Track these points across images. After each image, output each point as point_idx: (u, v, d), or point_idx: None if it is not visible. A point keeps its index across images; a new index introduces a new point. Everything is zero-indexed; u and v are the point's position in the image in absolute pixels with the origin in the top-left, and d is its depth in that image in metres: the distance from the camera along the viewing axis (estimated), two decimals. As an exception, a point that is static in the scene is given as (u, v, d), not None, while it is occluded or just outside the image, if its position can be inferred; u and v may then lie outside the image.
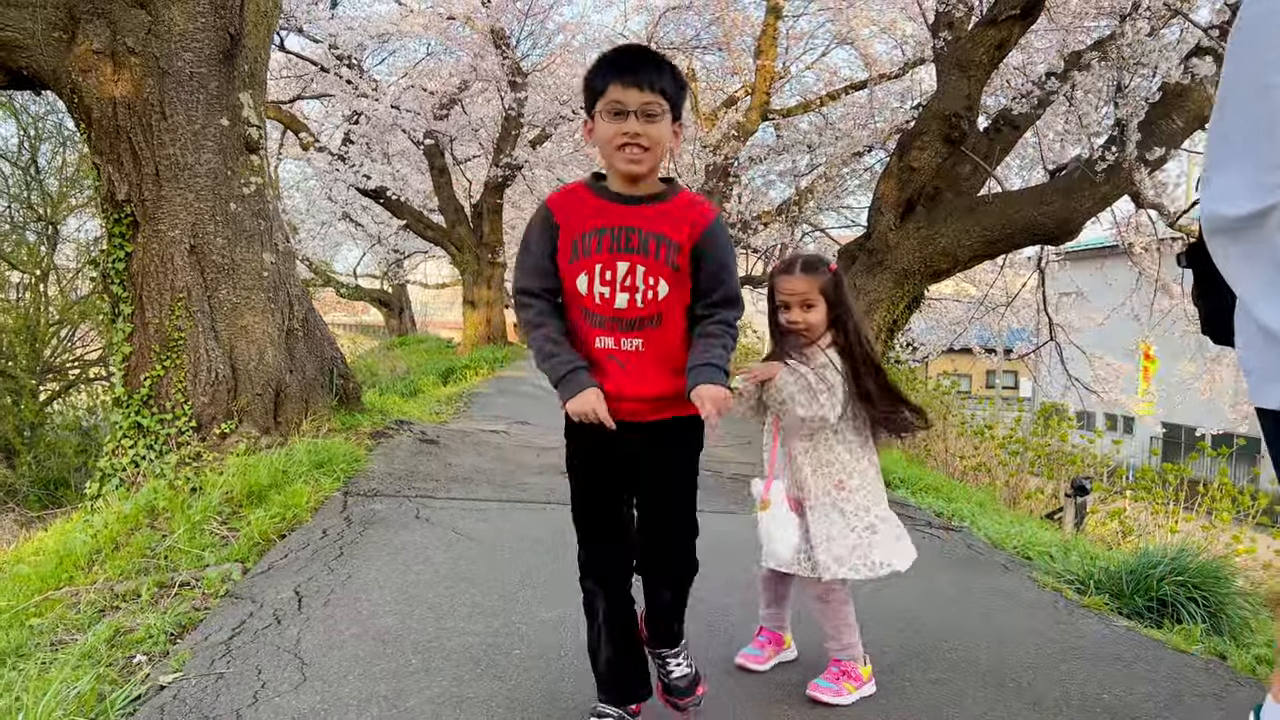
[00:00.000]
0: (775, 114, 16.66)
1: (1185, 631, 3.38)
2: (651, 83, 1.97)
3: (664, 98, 1.98)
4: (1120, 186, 8.85)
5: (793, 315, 2.56)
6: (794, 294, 2.55)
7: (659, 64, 2.00)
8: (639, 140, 1.96)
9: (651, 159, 2.00)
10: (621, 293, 2.04)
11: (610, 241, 2.03)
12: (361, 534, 4.07)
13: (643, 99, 1.96)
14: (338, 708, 2.41)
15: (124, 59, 5.31)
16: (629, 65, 1.97)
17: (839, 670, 2.58)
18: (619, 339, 2.06)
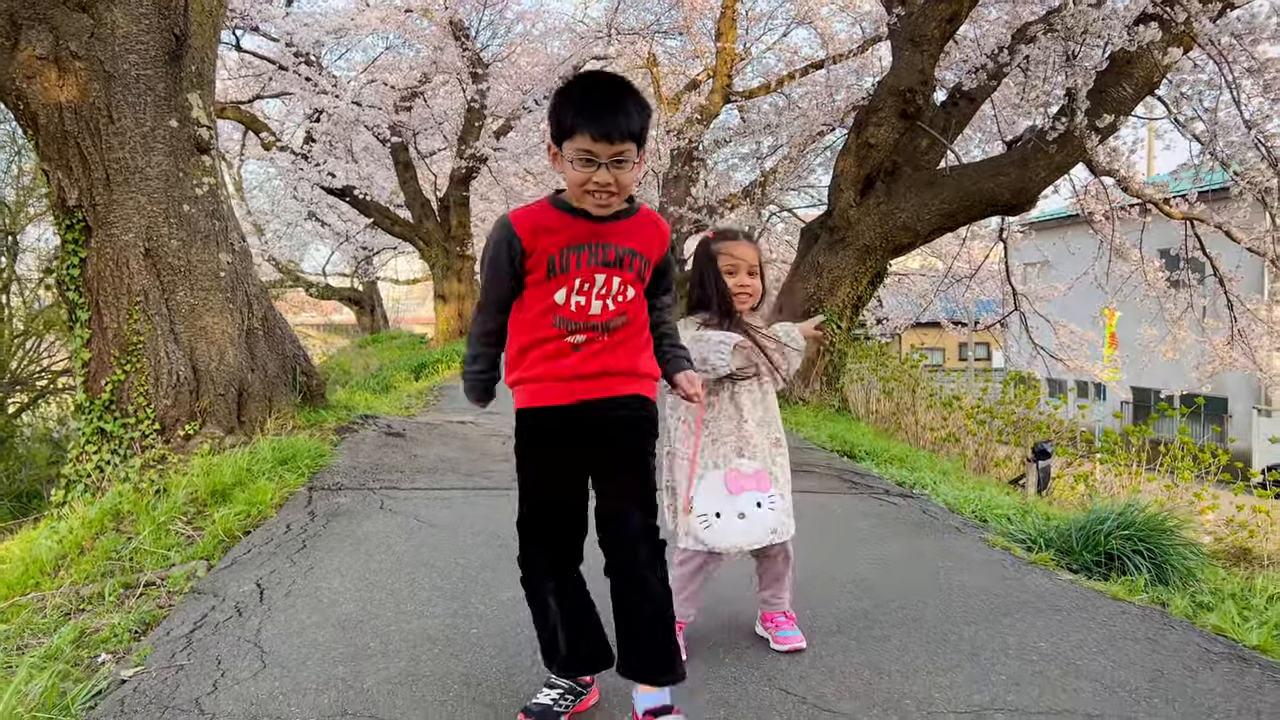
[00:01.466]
0: (738, 96, 16.69)
1: (1129, 582, 3.48)
2: (623, 132, 1.97)
3: (633, 141, 2.00)
4: (1074, 155, 8.98)
5: (741, 279, 2.67)
6: (743, 260, 2.67)
7: (627, 107, 1.99)
8: (608, 188, 2.02)
9: (619, 200, 2.10)
10: (596, 300, 2.13)
11: (589, 257, 2.11)
12: (325, 526, 4.11)
13: (613, 150, 1.98)
14: (296, 692, 2.46)
15: (68, 64, 5.29)
16: (599, 114, 1.97)
17: (788, 617, 2.77)
18: (591, 336, 2.16)
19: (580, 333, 2.14)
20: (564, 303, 2.12)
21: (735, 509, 2.52)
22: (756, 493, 2.55)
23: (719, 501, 2.53)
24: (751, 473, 2.57)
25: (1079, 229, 14.18)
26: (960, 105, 10.13)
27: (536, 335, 2.16)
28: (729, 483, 2.55)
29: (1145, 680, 2.53)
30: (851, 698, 2.40)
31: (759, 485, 2.56)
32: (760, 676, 2.54)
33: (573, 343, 2.15)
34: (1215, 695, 2.44)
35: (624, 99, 1.99)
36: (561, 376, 2.16)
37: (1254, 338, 12.21)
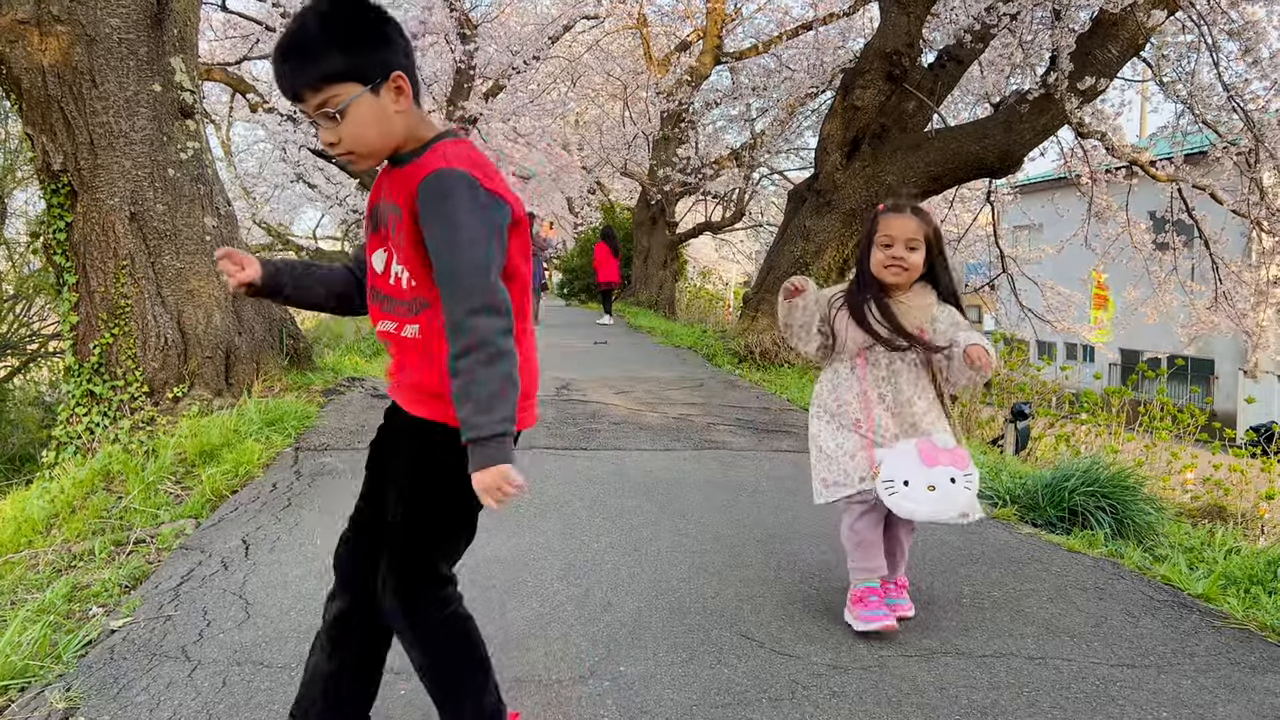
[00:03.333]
0: (728, 57, 16.60)
1: (1089, 536, 3.61)
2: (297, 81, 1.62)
3: (327, 83, 1.60)
4: (1058, 117, 9.01)
5: (897, 252, 2.57)
6: (903, 233, 2.58)
7: (304, 47, 1.60)
8: (338, 149, 1.67)
9: (366, 157, 1.68)
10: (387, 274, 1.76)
11: (372, 222, 1.80)
12: (310, 485, 4.22)
13: (310, 105, 1.63)
14: (279, 640, 2.57)
15: (50, 27, 5.29)
16: (279, 68, 1.64)
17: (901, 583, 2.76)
18: (401, 324, 1.74)
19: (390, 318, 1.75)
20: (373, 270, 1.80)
21: (926, 480, 2.46)
22: (952, 469, 2.47)
23: (910, 470, 2.48)
24: (947, 448, 2.51)
25: (1067, 191, 14.22)
26: (948, 67, 10.12)
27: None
28: (923, 453, 2.49)
29: (1089, 625, 2.65)
30: (808, 642, 2.53)
31: (955, 462, 2.49)
32: (723, 623, 2.66)
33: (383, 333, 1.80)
34: (1153, 639, 2.57)
35: (299, 45, 1.61)
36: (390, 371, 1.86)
37: (1239, 300, 12.32)
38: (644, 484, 4.32)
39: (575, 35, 17.95)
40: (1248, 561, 3.21)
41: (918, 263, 2.59)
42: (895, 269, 2.58)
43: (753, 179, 19.00)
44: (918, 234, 2.57)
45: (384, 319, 1.78)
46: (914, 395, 2.60)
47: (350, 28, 1.62)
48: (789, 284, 2.70)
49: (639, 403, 6.75)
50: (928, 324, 2.60)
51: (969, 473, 2.49)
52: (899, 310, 2.61)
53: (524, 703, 2.21)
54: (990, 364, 2.42)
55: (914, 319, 2.61)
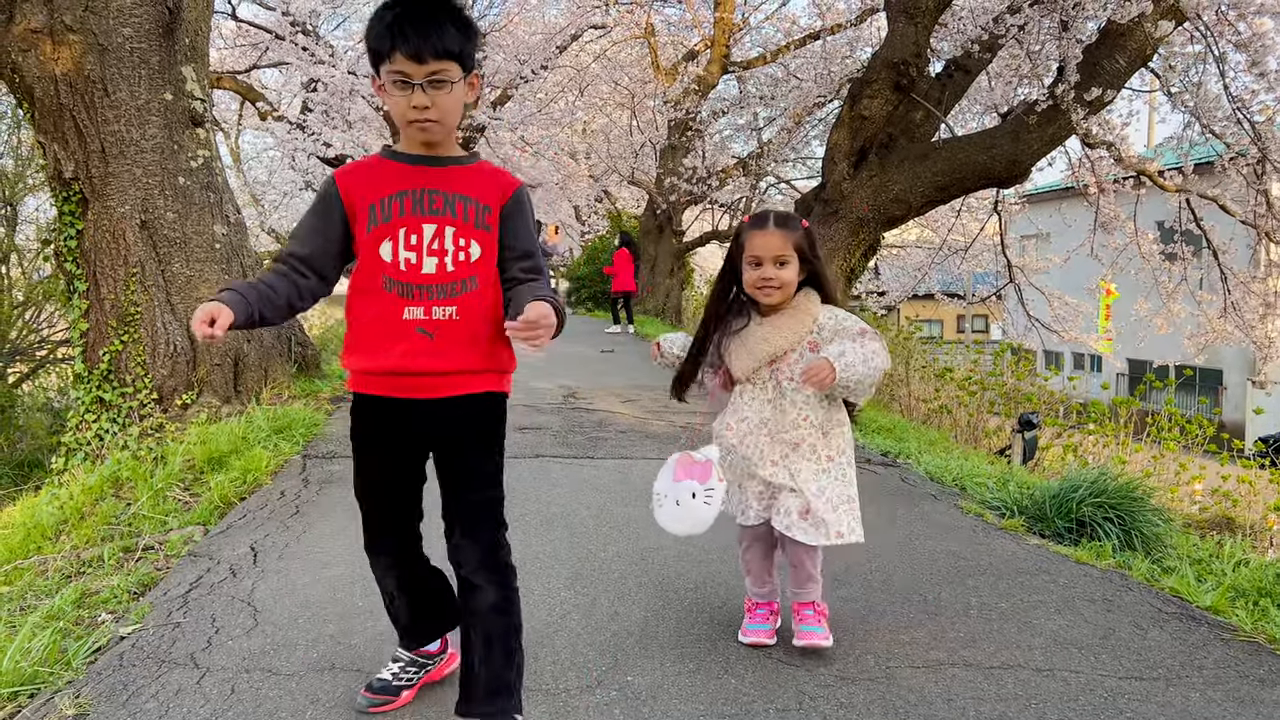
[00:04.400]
0: (736, 66, 16.63)
1: (1097, 547, 3.60)
2: (435, 48, 1.80)
3: (451, 59, 1.83)
4: (1066, 128, 9.00)
5: (765, 272, 2.46)
6: (768, 250, 2.45)
7: (441, 22, 1.82)
8: (428, 114, 1.85)
9: (443, 129, 1.90)
10: (429, 257, 1.91)
11: (413, 204, 1.91)
12: (318, 493, 4.23)
13: (427, 70, 1.81)
14: (287, 647, 2.58)
15: (63, 36, 5.34)
16: (408, 32, 1.80)
17: (818, 611, 2.59)
18: (429, 308, 1.91)
19: (415, 303, 1.90)
20: (391, 259, 1.91)
21: (674, 495, 2.45)
22: (694, 483, 2.42)
23: (666, 484, 2.49)
24: (700, 461, 2.46)
25: (1075, 201, 14.21)
26: (955, 77, 10.13)
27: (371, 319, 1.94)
28: (677, 468, 2.48)
29: (1097, 637, 2.65)
30: (814, 653, 2.52)
31: (700, 475, 2.43)
32: (730, 633, 2.66)
33: (411, 321, 1.91)
34: (1162, 651, 2.56)
35: (438, 15, 1.82)
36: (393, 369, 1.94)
37: (1247, 310, 12.28)
38: (650, 493, 4.32)
39: (583, 45, 18.02)
40: (1256, 573, 3.20)
41: (790, 278, 2.46)
42: (766, 289, 2.48)
43: (760, 188, 19.03)
44: (784, 249, 2.45)
45: (410, 306, 1.91)
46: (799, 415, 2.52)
47: (464, 19, 1.87)
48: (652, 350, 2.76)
49: (645, 411, 6.75)
50: (810, 335, 2.50)
51: (710, 486, 2.41)
52: (764, 335, 2.51)
53: (531, 712, 2.21)
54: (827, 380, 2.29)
55: (785, 339, 2.50)
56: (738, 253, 2.53)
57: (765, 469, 2.52)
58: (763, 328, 2.53)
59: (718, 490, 2.42)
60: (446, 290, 1.91)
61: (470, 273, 1.93)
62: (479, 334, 1.95)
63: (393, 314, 1.91)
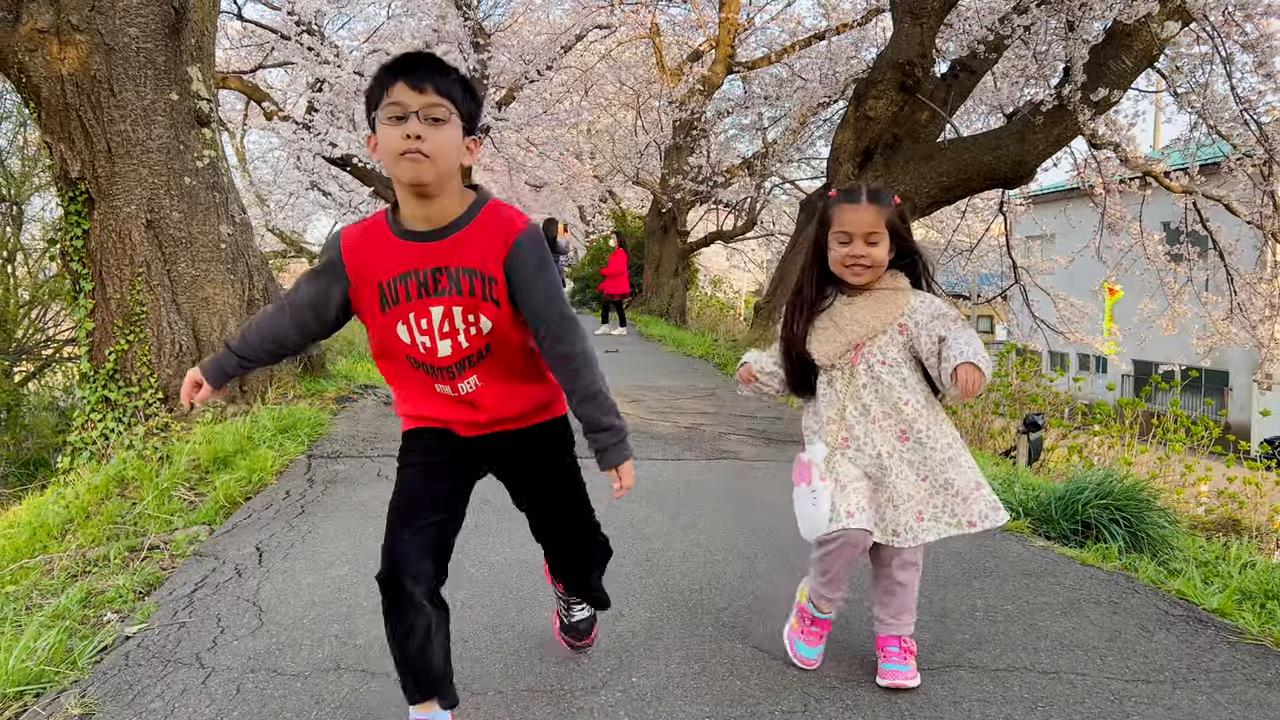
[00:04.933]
0: (740, 66, 16.63)
1: (1103, 549, 3.59)
2: (435, 82, 1.79)
3: (451, 101, 1.80)
4: (1071, 128, 8.99)
5: (855, 249, 2.28)
6: (859, 226, 2.27)
7: (445, 68, 1.82)
8: (420, 145, 1.76)
9: (434, 169, 1.79)
10: (442, 340, 1.90)
11: (418, 287, 1.87)
12: (323, 493, 4.23)
13: (425, 100, 1.77)
14: (292, 647, 2.58)
15: (69, 36, 5.35)
16: (412, 66, 1.80)
17: (905, 648, 2.39)
18: (455, 385, 1.96)
19: (443, 382, 1.95)
20: (410, 343, 1.92)
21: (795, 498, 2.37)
22: (803, 485, 2.33)
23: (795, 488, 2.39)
24: (804, 462, 2.34)
25: (1080, 202, 14.18)
26: (961, 77, 10.13)
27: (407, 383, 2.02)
28: (795, 470, 2.38)
29: (1103, 640, 2.64)
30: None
31: (803, 477, 2.33)
32: (735, 634, 2.66)
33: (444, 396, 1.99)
34: (1168, 654, 2.56)
35: (445, 65, 1.83)
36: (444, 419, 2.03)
37: (1253, 311, 12.25)
38: (655, 494, 4.32)
39: (588, 45, 18.02)
40: (1263, 576, 3.19)
41: (881, 257, 2.29)
42: (856, 268, 2.29)
43: (764, 188, 19.03)
44: (877, 225, 2.27)
45: (438, 383, 1.97)
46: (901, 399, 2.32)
47: (470, 85, 1.87)
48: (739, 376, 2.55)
49: (650, 412, 6.75)
50: (900, 317, 2.31)
51: (814, 489, 2.30)
52: (853, 315, 2.33)
53: (537, 713, 2.21)
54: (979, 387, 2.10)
55: (878, 319, 2.32)
56: (824, 228, 2.35)
57: (877, 463, 2.32)
58: (851, 308, 2.34)
59: (820, 492, 2.29)
60: (464, 365, 1.94)
61: (484, 343, 1.92)
62: (512, 385, 2.00)
63: (427, 386, 1.98)
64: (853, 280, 2.32)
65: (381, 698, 2.30)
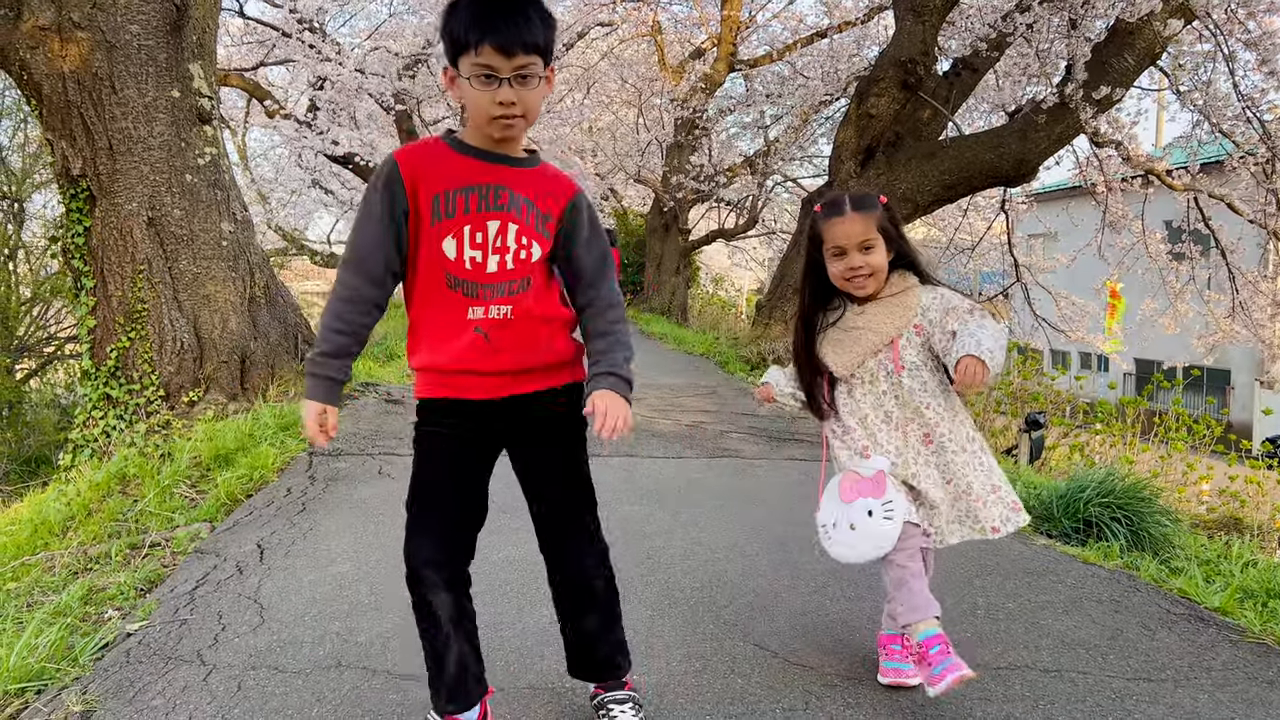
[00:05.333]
0: (742, 64, 16.62)
1: (1104, 548, 3.59)
2: (524, 41, 1.74)
3: (536, 53, 1.77)
4: (1073, 126, 8.98)
5: (852, 261, 2.23)
6: (850, 238, 2.23)
7: (529, 14, 1.76)
8: (513, 110, 1.78)
9: (525, 125, 1.83)
10: (493, 255, 1.86)
11: (479, 200, 1.84)
12: (324, 491, 4.23)
13: (515, 64, 1.74)
14: (293, 644, 2.58)
15: (71, 34, 5.35)
16: (497, 23, 1.73)
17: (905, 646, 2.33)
18: (488, 307, 1.87)
19: (478, 302, 1.87)
20: (455, 257, 1.85)
21: (848, 519, 2.22)
22: (869, 500, 2.19)
23: (835, 509, 2.27)
24: (870, 476, 2.23)
25: (1082, 200, 14.17)
26: (963, 76, 10.12)
27: (435, 312, 1.90)
28: (844, 489, 2.26)
29: (1105, 638, 2.64)
30: (822, 653, 2.52)
31: (874, 491, 2.20)
32: (736, 633, 2.66)
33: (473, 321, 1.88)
34: (1170, 652, 2.55)
35: (525, 6, 1.76)
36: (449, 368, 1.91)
37: (1256, 310, 12.23)
38: (656, 492, 4.32)
39: (589, 42, 18.00)
40: (1265, 574, 3.19)
41: (880, 263, 2.25)
42: (858, 280, 2.26)
43: (766, 186, 19.01)
44: (867, 232, 2.23)
45: (472, 305, 1.88)
46: (923, 403, 2.28)
47: (546, 10, 1.80)
48: (759, 395, 2.50)
49: (651, 410, 6.75)
50: (915, 318, 2.27)
51: (888, 500, 2.18)
52: (867, 323, 2.29)
53: (537, 712, 2.21)
54: (986, 379, 2.03)
55: (892, 325, 2.28)
56: (815, 247, 2.31)
57: (904, 471, 2.27)
58: (864, 316, 2.30)
59: (897, 502, 2.18)
60: (505, 289, 1.88)
61: (527, 272, 1.89)
62: (534, 334, 1.92)
63: (456, 313, 1.88)
64: (858, 292, 2.29)
65: (382, 695, 2.30)
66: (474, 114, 1.81)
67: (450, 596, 1.94)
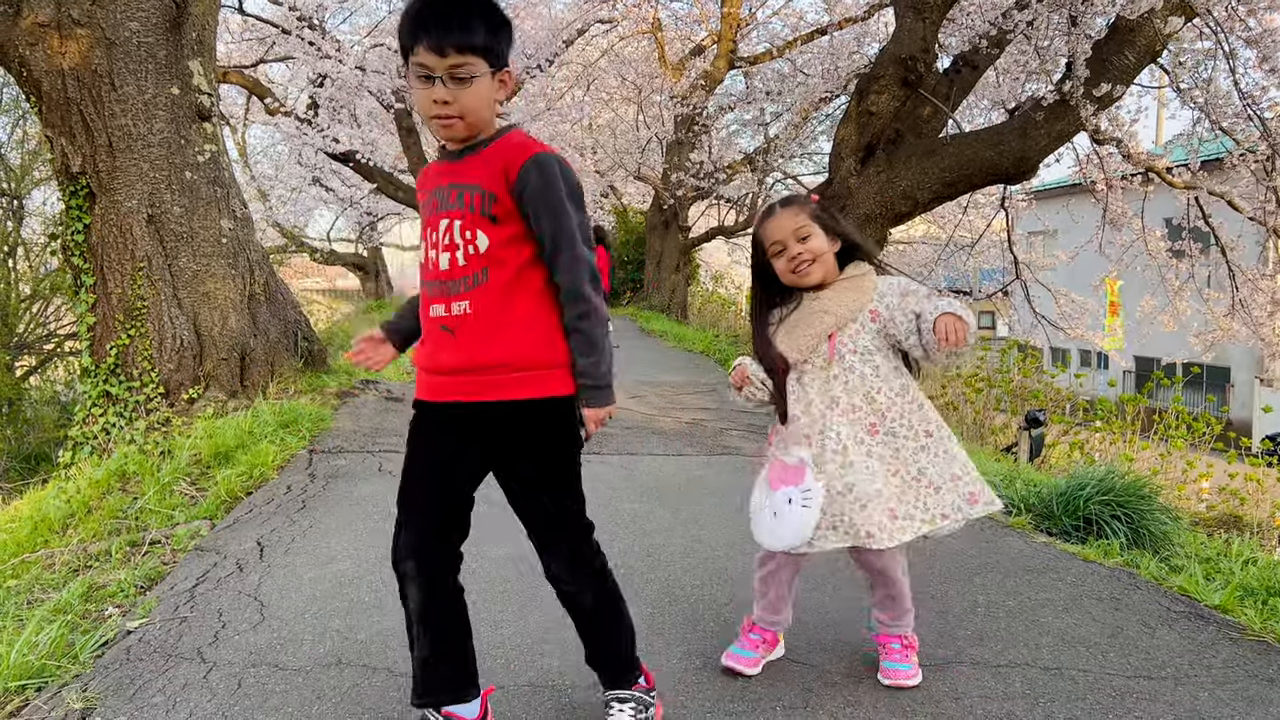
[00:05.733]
0: (742, 61, 16.59)
1: (1104, 546, 3.59)
2: (457, 41, 1.74)
3: (474, 54, 1.77)
4: (1074, 124, 8.97)
5: (792, 251, 2.27)
6: (784, 231, 2.28)
7: (467, 17, 1.76)
8: (447, 109, 1.79)
9: (465, 127, 1.82)
10: (443, 253, 1.86)
11: (438, 202, 1.89)
12: (324, 488, 4.23)
13: (449, 63, 1.76)
14: (293, 642, 2.58)
15: (70, 30, 5.34)
16: (431, 24, 1.75)
17: (906, 645, 2.38)
18: (448, 304, 1.87)
19: (439, 300, 1.88)
20: (424, 259, 1.92)
21: (772, 505, 2.26)
22: (790, 488, 2.22)
23: (761, 495, 2.31)
24: (794, 464, 2.25)
25: (1082, 198, 14.15)
26: (963, 72, 10.10)
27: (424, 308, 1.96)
28: (771, 476, 2.30)
29: (1105, 636, 2.64)
30: (822, 650, 2.52)
31: (795, 479, 2.22)
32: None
33: (436, 319, 1.89)
34: (1170, 650, 2.55)
35: (466, 8, 1.77)
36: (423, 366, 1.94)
37: (1255, 307, 12.22)
38: (656, 489, 4.32)
39: (589, 39, 17.98)
40: (1265, 572, 3.19)
41: (820, 247, 2.27)
42: (802, 268, 2.28)
43: (766, 183, 18.99)
44: (800, 220, 2.27)
45: (434, 304, 1.90)
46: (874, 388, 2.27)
47: (494, 15, 1.81)
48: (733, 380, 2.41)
49: (651, 407, 6.75)
50: (870, 303, 2.28)
51: (806, 488, 2.19)
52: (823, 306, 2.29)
53: (538, 709, 2.21)
54: (967, 334, 2.05)
55: (846, 308, 2.28)
56: (761, 254, 2.36)
57: (841, 459, 2.22)
58: (819, 301, 2.31)
59: (815, 491, 2.20)
60: (460, 285, 1.85)
61: (480, 265, 1.84)
62: (498, 327, 1.84)
63: (426, 310, 1.93)
64: (806, 281, 2.30)
65: (383, 692, 2.30)
66: (419, 113, 1.89)
67: (420, 594, 1.94)
